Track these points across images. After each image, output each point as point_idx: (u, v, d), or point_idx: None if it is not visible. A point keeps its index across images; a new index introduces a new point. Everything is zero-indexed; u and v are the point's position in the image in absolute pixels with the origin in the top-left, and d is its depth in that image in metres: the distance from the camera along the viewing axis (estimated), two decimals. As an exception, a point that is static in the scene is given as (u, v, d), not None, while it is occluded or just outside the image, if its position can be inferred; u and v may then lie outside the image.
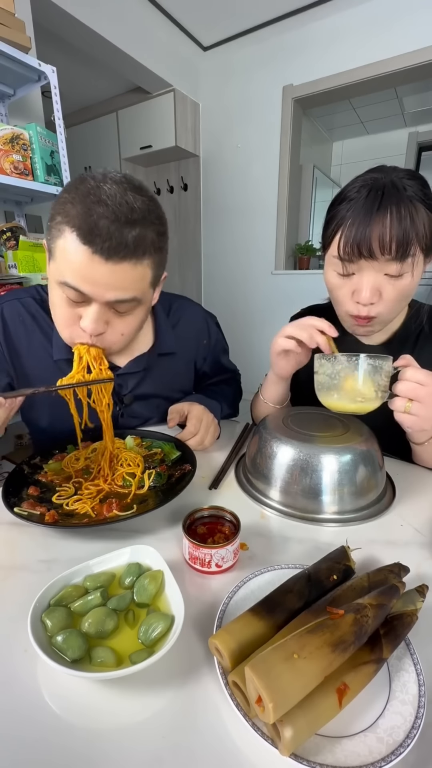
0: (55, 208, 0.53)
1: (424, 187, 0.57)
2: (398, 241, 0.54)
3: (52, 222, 0.54)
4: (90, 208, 0.49)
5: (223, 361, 0.94)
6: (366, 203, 0.56)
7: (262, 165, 2.73)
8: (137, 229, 0.52)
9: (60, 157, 1.58)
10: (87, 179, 0.52)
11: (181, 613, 0.33)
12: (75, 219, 0.50)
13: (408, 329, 0.71)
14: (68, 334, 0.60)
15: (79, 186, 0.52)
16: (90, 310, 0.56)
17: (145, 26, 2.31)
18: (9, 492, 0.53)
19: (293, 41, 2.42)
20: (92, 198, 0.50)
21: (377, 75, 2.23)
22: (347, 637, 0.29)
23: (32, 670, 0.33)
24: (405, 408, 0.52)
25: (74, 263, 0.51)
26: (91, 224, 0.49)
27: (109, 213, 0.49)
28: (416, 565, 0.43)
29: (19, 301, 0.71)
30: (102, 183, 0.51)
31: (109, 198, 0.50)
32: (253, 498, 0.58)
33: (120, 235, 0.50)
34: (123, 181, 0.52)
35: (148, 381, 0.78)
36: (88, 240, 0.50)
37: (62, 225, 0.51)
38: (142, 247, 0.53)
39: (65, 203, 0.51)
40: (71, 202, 0.51)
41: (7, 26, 1.34)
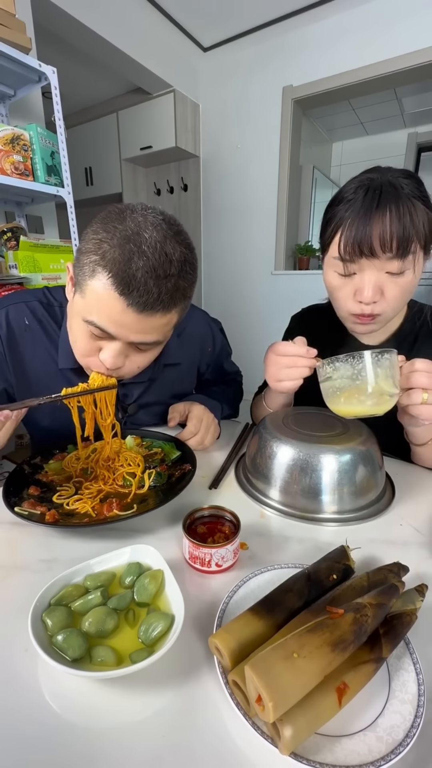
0: (88, 242, 0.51)
1: (419, 186, 0.57)
2: (399, 239, 0.54)
3: (84, 257, 0.51)
4: (129, 257, 0.48)
5: (226, 366, 0.94)
6: (365, 203, 0.56)
7: (261, 165, 2.73)
8: (172, 282, 0.51)
9: (60, 158, 1.58)
10: (126, 218, 0.50)
11: (181, 613, 0.33)
12: (112, 265, 0.49)
13: (406, 329, 0.72)
14: (86, 363, 0.60)
15: (117, 226, 0.50)
16: (111, 346, 0.56)
17: (145, 27, 2.31)
18: (9, 492, 0.53)
19: (293, 42, 2.43)
20: (132, 246, 0.48)
21: (377, 76, 2.24)
22: (347, 637, 0.29)
23: (33, 669, 0.33)
24: (423, 399, 0.50)
25: (105, 308, 0.51)
26: (130, 277, 0.48)
27: (148, 267, 0.49)
28: (415, 564, 0.44)
29: (26, 305, 0.70)
30: (143, 229, 0.49)
31: (149, 248, 0.49)
32: (253, 498, 0.58)
33: (156, 291, 0.50)
34: (163, 227, 0.51)
35: (152, 390, 0.78)
36: (124, 292, 0.49)
37: (97, 266, 0.50)
38: (174, 299, 0.53)
39: (102, 242, 0.49)
40: (109, 243, 0.49)
41: (8, 27, 1.35)
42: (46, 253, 1.60)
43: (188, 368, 0.85)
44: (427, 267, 0.62)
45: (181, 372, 0.82)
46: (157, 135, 2.80)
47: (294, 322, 0.89)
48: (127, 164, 3.11)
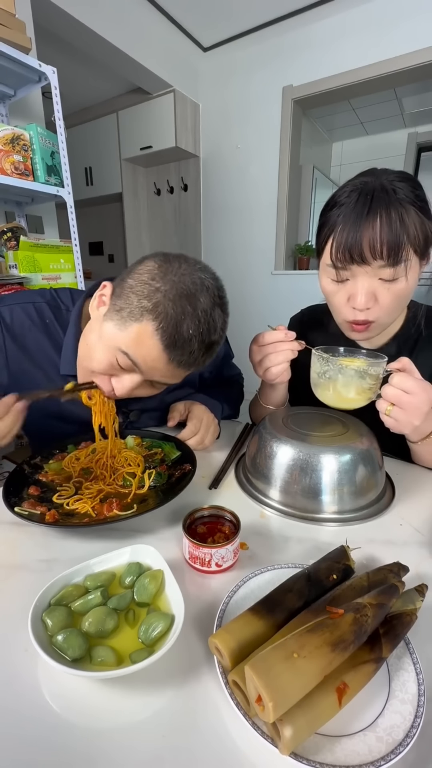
0: (142, 285, 0.52)
1: (415, 189, 0.56)
2: (389, 246, 0.54)
3: (134, 297, 0.52)
4: (182, 318, 0.50)
5: (228, 369, 0.94)
6: (356, 208, 0.55)
7: (261, 165, 2.73)
8: (212, 350, 0.55)
9: (60, 158, 1.58)
10: (185, 274, 0.52)
11: (181, 613, 0.33)
12: (165, 320, 0.50)
13: (407, 331, 0.71)
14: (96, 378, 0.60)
15: (176, 280, 0.51)
16: (130, 378, 0.58)
17: (145, 27, 2.31)
18: (9, 492, 0.53)
19: (293, 42, 2.43)
20: (189, 307, 0.51)
21: (377, 76, 2.24)
22: (347, 637, 0.29)
23: (33, 669, 0.33)
24: (386, 411, 0.53)
25: (146, 353, 0.53)
26: (180, 337, 0.51)
27: (197, 333, 0.51)
28: (415, 564, 0.44)
29: (34, 306, 0.68)
30: (199, 292, 0.52)
31: (202, 314, 0.51)
32: (253, 498, 0.58)
33: (199, 354, 0.54)
34: (215, 294, 0.54)
35: (153, 398, 0.77)
36: (169, 348, 0.51)
37: (147, 312, 0.51)
38: (207, 361, 0.57)
39: (157, 291, 0.51)
40: (165, 294, 0.50)
41: (8, 27, 1.35)
42: (46, 253, 1.60)
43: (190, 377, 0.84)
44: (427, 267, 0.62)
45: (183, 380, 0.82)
46: (157, 135, 2.80)
47: (293, 323, 0.89)
48: (127, 164, 3.11)
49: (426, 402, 0.51)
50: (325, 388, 0.59)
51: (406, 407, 0.52)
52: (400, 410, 0.52)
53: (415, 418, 0.52)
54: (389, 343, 0.72)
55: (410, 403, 0.51)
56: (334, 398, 0.58)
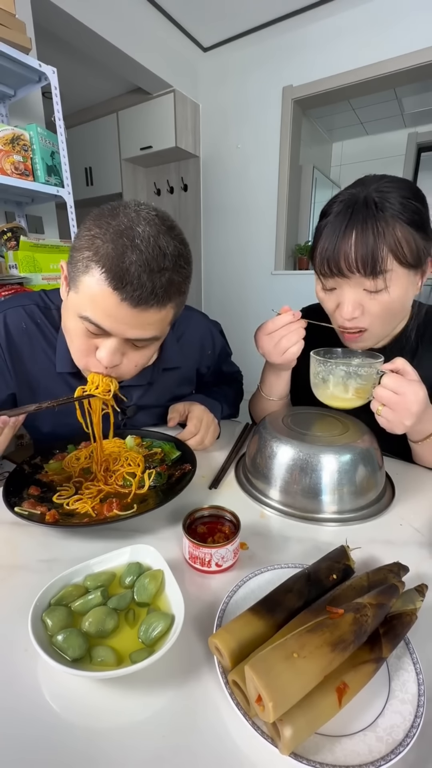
0: (81, 239, 0.51)
1: (409, 199, 0.56)
2: (363, 260, 0.55)
3: (77, 254, 0.51)
4: (122, 252, 0.48)
5: (226, 367, 0.94)
6: (335, 221, 0.57)
7: (261, 165, 2.73)
8: (167, 276, 0.51)
9: (60, 158, 1.58)
10: (119, 214, 0.50)
11: (181, 613, 0.33)
12: (105, 260, 0.48)
13: (408, 333, 0.71)
14: (84, 363, 0.59)
15: (110, 222, 0.49)
16: (107, 343, 0.55)
17: (145, 27, 2.31)
18: (10, 491, 0.53)
19: (293, 42, 2.43)
20: (125, 240, 0.48)
21: (377, 76, 2.24)
22: (347, 637, 0.29)
23: (33, 669, 0.33)
24: (377, 411, 0.55)
25: (100, 304, 0.50)
26: (123, 270, 0.48)
27: (141, 261, 0.48)
28: (415, 564, 0.44)
29: (23, 308, 0.69)
30: (136, 224, 0.49)
31: (143, 242, 0.49)
32: (253, 498, 0.58)
33: (150, 284, 0.50)
34: (156, 222, 0.51)
35: (151, 393, 0.78)
36: (117, 287, 0.49)
37: (90, 262, 0.49)
38: (169, 293, 0.53)
39: (95, 238, 0.49)
40: (101, 238, 0.49)
41: (8, 27, 1.34)
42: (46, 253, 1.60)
43: (188, 371, 0.84)
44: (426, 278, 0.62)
45: (181, 375, 0.82)
46: (157, 135, 2.80)
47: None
48: (127, 164, 3.11)
49: (416, 402, 0.52)
50: (322, 389, 0.60)
51: (395, 408, 0.53)
52: (390, 411, 0.53)
53: (406, 419, 0.52)
54: (391, 344, 0.72)
55: (399, 403, 0.52)
56: (331, 398, 0.59)
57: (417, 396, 0.52)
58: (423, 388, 0.53)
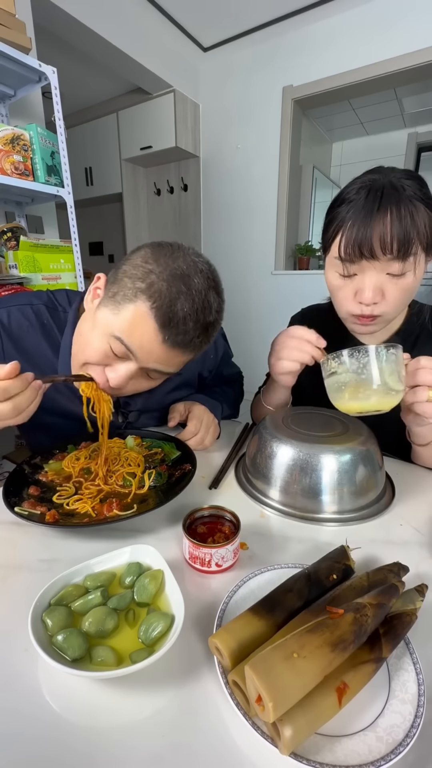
0: (136, 269, 0.52)
1: (422, 187, 0.57)
2: (399, 241, 0.54)
3: (129, 280, 0.52)
4: (177, 296, 0.50)
5: (227, 368, 0.94)
6: (366, 204, 0.56)
7: (261, 165, 2.73)
8: (207, 331, 0.55)
9: (60, 158, 1.58)
10: (179, 258, 0.53)
11: (181, 613, 0.33)
12: (158, 298, 0.50)
13: (408, 329, 0.72)
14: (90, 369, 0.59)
15: (170, 263, 0.52)
16: (125, 367, 0.56)
17: (146, 27, 2.31)
18: (9, 492, 0.53)
19: (293, 42, 2.43)
20: (182, 286, 0.51)
21: (377, 76, 2.24)
22: (347, 637, 0.29)
23: (33, 669, 0.33)
24: (429, 397, 0.50)
25: (140, 334, 0.52)
26: (174, 315, 0.51)
27: (192, 311, 0.51)
28: (415, 564, 0.44)
29: (31, 308, 0.69)
30: (193, 273, 0.52)
31: (197, 294, 0.51)
32: (253, 498, 0.58)
33: (194, 333, 0.53)
34: (209, 276, 0.54)
35: (152, 398, 0.77)
36: (164, 327, 0.51)
37: (142, 294, 0.51)
38: (203, 344, 0.57)
39: (151, 273, 0.51)
40: (158, 275, 0.51)
41: (8, 27, 1.34)
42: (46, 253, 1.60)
43: (190, 376, 0.84)
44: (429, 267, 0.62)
45: (183, 380, 0.82)
46: (157, 135, 2.80)
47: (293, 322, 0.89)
48: (127, 164, 3.11)
49: None
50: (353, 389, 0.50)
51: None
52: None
53: None
54: (390, 340, 0.72)
55: None
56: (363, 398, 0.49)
57: None
58: None
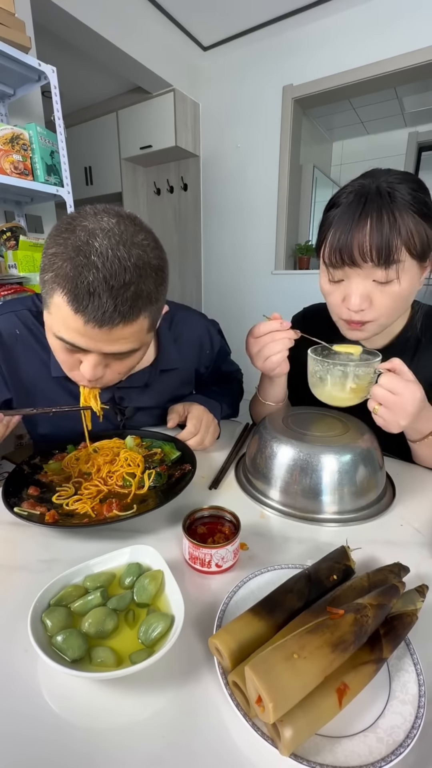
0: (45, 259, 0.49)
1: (417, 191, 0.56)
2: (378, 248, 0.54)
3: (43, 274, 0.49)
4: (80, 272, 0.45)
5: (225, 366, 0.94)
6: (348, 210, 0.56)
7: (261, 165, 2.73)
8: (131, 290, 0.48)
9: (60, 157, 1.57)
10: (75, 228, 0.47)
11: (181, 613, 0.33)
12: (65, 282, 0.46)
13: (408, 333, 0.71)
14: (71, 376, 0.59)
15: (68, 238, 0.46)
16: (88, 359, 0.54)
17: (145, 26, 2.31)
18: (9, 492, 0.53)
19: (293, 41, 2.42)
20: (81, 258, 0.45)
21: (377, 75, 2.23)
22: (347, 637, 0.29)
23: (32, 669, 0.33)
24: (374, 410, 0.55)
25: (70, 325, 0.49)
26: (82, 292, 0.45)
27: (99, 279, 0.45)
28: (416, 565, 0.44)
29: (15, 314, 0.68)
30: (92, 237, 0.46)
31: (99, 258, 0.45)
32: (253, 498, 0.58)
33: (112, 303, 0.46)
34: (116, 232, 0.47)
35: (149, 394, 0.78)
36: (78, 309, 0.46)
37: (54, 284, 0.47)
38: (137, 307, 0.49)
39: (55, 257, 0.47)
40: (60, 257, 0.46)
41: (7, 26, 1.34)
42: (46, 252, 1.59)
43: (186, 372, 0.84)
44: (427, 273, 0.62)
45: (179, 376, 0.82)
46: (156, 134, 2.79)
47: (295, 322, 0.89)
48: (127, 164, 3.11)
49: (412, 403, 0.52)
50: (320, 388, 0.60)
51: (391, 407, 0.53)
52: (386, 410, 0.53)
53: (402, 418, 0.53)
54: (392, 344, 0.71)
55: (395, 403, 0.52)
56: (329, 397, 0.59)
57: (414, 396, 0.52)
58: (419, 388, 0.53)
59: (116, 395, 0.74)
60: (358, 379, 0.55)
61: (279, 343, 0.62)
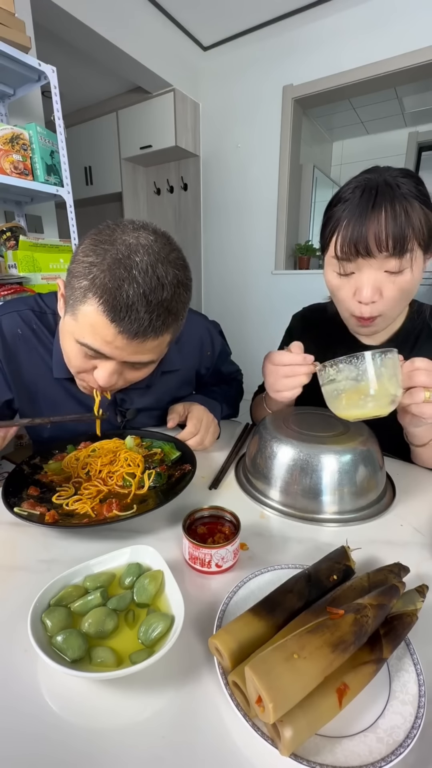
0: (78, 265, 0.50)
1: (418, 185, 0.57)
2: (395, 237, 0.54)
3: (75, 281, 0.50)
4: (120, 285, 0.47)
5: (225, 368, 0.94)
6: (360, 202, 0.56)
7: (262, 165, 2.73)
8: (164, 307, 0.50)
9: (60, 157, 1.57)
10: (116, 240, 0.49)
11: (181, 613, 0.33)
12: (102, 292, 0.47)
13: (408, 329, 0.71)
14: (81, 377, 0.60)
15: (108, 249, 0.48)
16: (106, 366, 0.55)
17: (145, 26, 2.31)
18: (9, 492, 0.53)
19: (293, 41, 2.42)
20: (122, 272, 0.47)
21: (377, 75, 2.23)
22: (347, 637, 0.29)
23: (32, 670, 0.33)
24: (425, 398, 0.50)
25: (98, 333, 0.50)
26: (120, 304, 0.47)
27: (138, 294, 0.47)
28: (416, 565, 0.43)
29: (18, 314, 0.69)
30: (134, 252, 0.48)
31: (140, 273, 0.47)
32: (253, 498, 0.58)
33: (148, 317, 0.49)
34: (155, 249, 0.49)
35: (150, 395, 0.78)
36: (115, 319, 0.48)
37: (88, 291, 0.49)
38: (167, 324, 0.52)
39: (92, 266, 0.48)
40: (98, 267, 0.48)
41: (7, 26, 1.34)
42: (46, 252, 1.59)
43: (187, 373, 0.84)
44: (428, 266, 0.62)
45: (180, 377, 0.82)
46: (156, 134, 2.79)
47: (295, 321, 0.89)
48: (127, 163, 3.11)
49: None
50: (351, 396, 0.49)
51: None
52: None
53: None
54: (391, 340, 0.72)
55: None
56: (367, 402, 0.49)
57: None
58: None
59: (118, 397, 0.74)
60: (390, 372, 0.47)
61: (296, 380, 0.57)
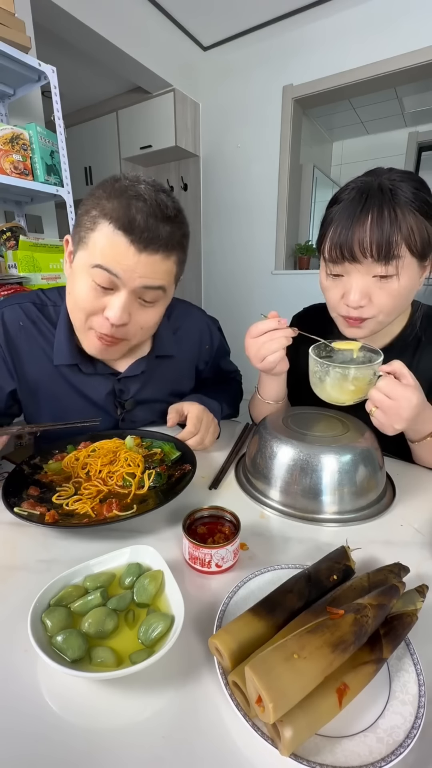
0: (88, 203, 0.58)
1: (419, 190, 0.56)
2: (378, 244, 0.54)
3: (85, 215, 0.57)
4: (129, 202, 0.54)
5: (224, 365, 0.94)
6: (350, 206, 0.57)
7: (261, 165, 2.73)
8: (169, 226, 0.57)
9: (60, 157, 1.57)
10: (121, 179, 0.57)
11: (181, 613, 0.33)
12: (113, 212, 0.54)
13: (408, 333, 0.71)
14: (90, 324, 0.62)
15: (114, 184, 0.57)
16: (117, 298, 0.59)
17: (145, 26, 2.31)
18: (9, 492, 0.53)
19: (293, 41, 2.42)
20: (130, 194, 0.55)
21: (377, 75, 2.23)
22: (347, 637, 0.29)
23: (32, 670, 0.33)
24: (370, 411, 0.55)
25: (110, 251, 0.55)
26: (131, 217, 0.54)
27: (146, 208, 0.55)
28: (416, 565, 0.43)
29: (20, 306, 0.71)
30: (136, 183, 0.57)
31: (145, 194, 0.55)
32: (253, 498, 0.58)
33: (156, 229, 0.55)
34: (154, 184, 0.58)
35: (149, 386, 0.78)
36: (127, 230, 0.54)
37: (98, 218, 0.55)
38: (172, 243, 0.58)
39: (100, 199, 0.56)
40: (107, 198, 0.55)
41: (7, 26, 1.34)
42: (46, 252, 1.59)
43: (186, 365, 0.85)
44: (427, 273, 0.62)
45: (178, 368, 0.82)
46: (156, 134, 2.79)
47: (295, 321, 0.89)
48: (127, 163, 3.11)
49: (407, 408, 0.52)
50: (320, 387, 0.60)
51: (387, 411, 0.53)
52: (382, 413, 0.54)
53: (396, 423, 0.53)
54: (392, 344, 0.71)
55: (391, 408, 0.53)
56: (328, 396, 0.60)
57: (409, 402, 0.52)
58: (417, 393, 0.53)
59: (116, 387, 0.75)
60: (357, 381, 0.56)
61: (276, 342, 0.62)
